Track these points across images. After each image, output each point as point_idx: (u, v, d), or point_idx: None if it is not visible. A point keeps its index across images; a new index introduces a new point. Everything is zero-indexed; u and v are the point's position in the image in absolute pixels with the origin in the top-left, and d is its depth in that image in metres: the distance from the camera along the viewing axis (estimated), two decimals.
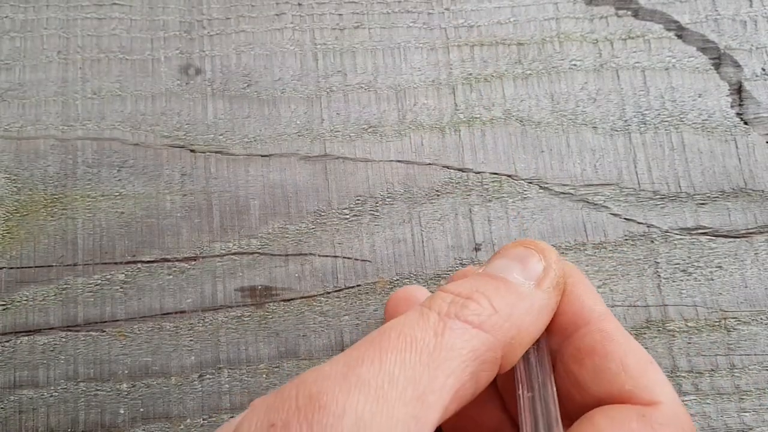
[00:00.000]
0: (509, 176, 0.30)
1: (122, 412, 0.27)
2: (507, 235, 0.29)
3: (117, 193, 0.29)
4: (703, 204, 0.30)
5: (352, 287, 0.29)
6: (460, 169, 0.30)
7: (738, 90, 0.31)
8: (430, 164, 0.30)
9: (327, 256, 0.29)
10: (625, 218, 0.30)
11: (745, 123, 0.31)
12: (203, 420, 0.27)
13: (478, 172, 0.30)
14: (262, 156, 0.30)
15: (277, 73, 0.31)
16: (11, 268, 0.28)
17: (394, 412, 0.17)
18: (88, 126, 0.30)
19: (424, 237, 0.29)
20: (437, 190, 0.30)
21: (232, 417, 0.26)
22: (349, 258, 0.29)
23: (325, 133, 0.30)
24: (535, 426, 0.19)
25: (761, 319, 0.29)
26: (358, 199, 0.30)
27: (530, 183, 0.30)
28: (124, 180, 0.29)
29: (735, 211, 0.30)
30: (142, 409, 0.27)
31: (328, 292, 0.29)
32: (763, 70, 0.32)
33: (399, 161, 0.30)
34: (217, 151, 0.30)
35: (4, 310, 0.28)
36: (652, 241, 0.30)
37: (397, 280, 0.29)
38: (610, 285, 0.29)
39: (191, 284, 0.28)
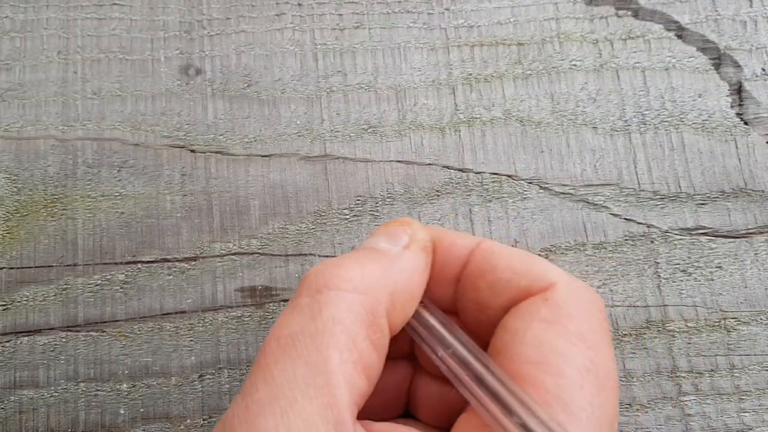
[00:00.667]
0: (509, 176, 0.30)
1: (122, 412, 0.27)
2: (507, 236, 0.29)
3: (117, 194, 0.29)
4: (703, 204, 0.30)
5: None
6: (460, 170, 0.30)
7: (738, 90, 0.31)
8: (430, 164, 0.30)
9: (327, 256, 0.29)
10: (625, 218, 0.30)
11: (745, 123, 0.31)
12: (203, 420, 0.27)
13: (478, 173, 0.30)
14: (262, 156, 0.30)
15: (277, 73, 0.31)
16: (11, 268, 0.28)
17: (306, 412, 0.17)
18: (88, 126, 0.30)
19: None
20: (437, 191, 0.30)
21: None
22: None
23: (325, 134, 0.30)
24: (471, 371, 0.19)
25: (761, 319, 0.29)
26: (358, 200, 0.30)
27: (530, 183, 0.30)
28: (124, 180, 0.29)
29: (735, 211, 0.30)
30: (142, 410, 0.27)
31: None
32: (763, 70, 0.32)
33: (399, 161, 0.30)
34: (217, 151, 0.30)
35: (4, 310, 0.28)
36: (652, 242, 0.30)
37: None
38: (610, 285, 0.29)
39: (191, 284, 0.28)
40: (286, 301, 0.28)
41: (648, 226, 0.30)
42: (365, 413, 0.19)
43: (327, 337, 0.18)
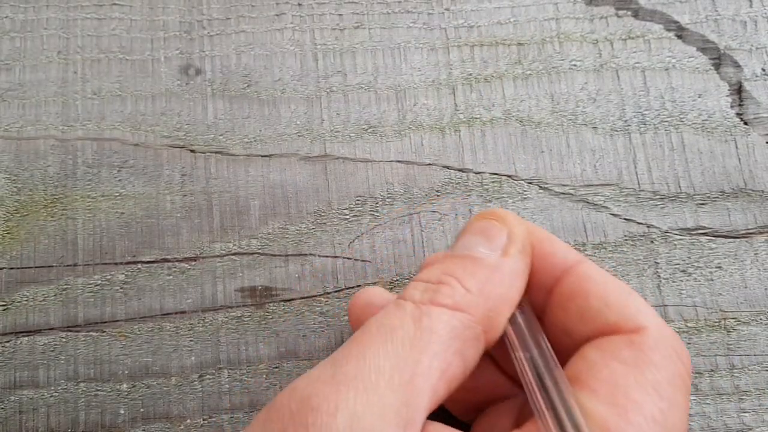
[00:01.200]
0: (509, 176, 0.30)
1: (122, 412, 0.27)
2: None
3: (117, 194, 0.29)
4: (703, 204, 0.30)
5: (352, 287, 0.29)
6: (460, 170, 0.30)
7: (738, 90, 0.31)
8: (430, 164, 0.30)
9: (327, 256, 0.29)
10: (625, 218, 0.30)
11: (745, 123, 0.31)
12: (203, 420, 0.27)
13: (478, 173, 0.30)
14: (262, 156, 0.30)
15: (277, 73, 0.31)
16: (11, 268, 0.28)
17: (385, 400, 0.17)
18: (88, 126, 0.30)
19: (424, 237, 0.29)
20: (437, 191, 0.30)
21: (232, 417, 0.26)
22: (349, 258, 0.29)
23: (325, 134, 0.30)
24: (540, 382, 0.19)
25: (761, 319, 0.29)
26: (358, 200, 0.30)
27: (530, 183, 0.30)
28: (124, 180, 0.29)
29: (735, 211, 0.30)
30: (142, 410, 0.27)
31: (328, 293, 0.29)
32: (763, 70, 0.32)
33: (399, 161, 0.30)
34: (217, 152, 0.30)
35: (4, 310, 0.28)
36: (652, 242, 0.30)
37: (397, 280, 0.29)
38: None
39: (191, 284, 0.28)
40: (286, 301, 0.29)
41: (648, 226, 0.30)
42: None
43: (422, 342, 0.18)
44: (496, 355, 0.24)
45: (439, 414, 0.20)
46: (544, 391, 0.19)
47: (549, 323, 0.22)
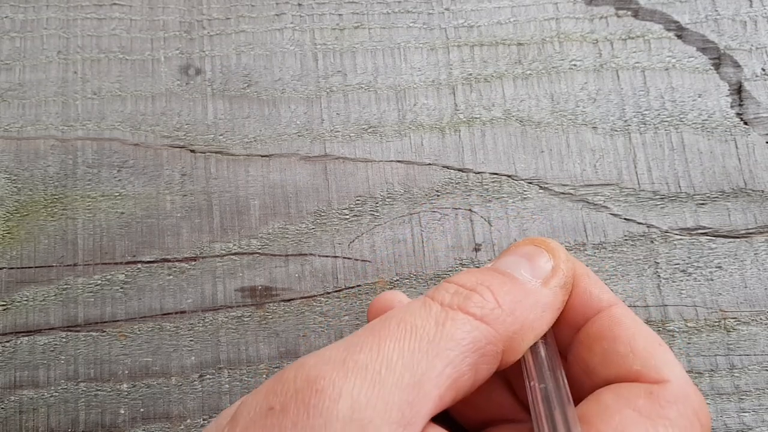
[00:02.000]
0: (509, 176, 0.30)
1: (122, 412, 0.27)
2: (507, 236, 0.29)
3: (117, 194, 0.29)
4: (702, 204, 0.30)
5: (352, 287, 0.29)
6: (460, 170, 0.30)
7: (738, 90, 0.31)
8: (430, 164, 0.30)
9: (327, 256, 0.29)
10: (625, 218, 0.30)
11: (745, 123, 0.31)
12: (203, 420, 0.27)
13: (478, 173, 0.30)
14: (262, 156, 0.30)
15: (277, 73, 0.31)
16: (11, 268, 0.28)
17: (390, 397, 0.17)
18: (88, 126, 0.30)
19: (424, 237, 0.29)
20: (437, 191, 0.30)
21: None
22: (349, 258, 0.29)
23: (325, 133, 0.30)
24: (549, 415, 0.19)
25: (761, 319, 0.29)
26: (358, 200, 0.30)
27: (530, 183, 0.30)
28: (124, 180, 0.30)
29: (735, 211, 0.30)
30: (142, 409, 0.27)
31: (328, 293, 0.29)
32: (763, 70, 0.32)
33: (399, 161, 0.30)
34: (217, 151, 0.30)
35: (4, 310, 0.28)
36: (652, 242, 0.30)
37: (397, 280, 0.29)
38: (610, 285, 0.29)
39: (191, 284, 0.28)
40: (286, 301, 0.29)
41: (648, 226, 0.30)
42: None
43: (440, 347, 0.18)
44: (511, 379, 0.23)
45: (443, 418, 0.20)
46: (551, 425, 0.19)
47: (572, 361, 0.22)
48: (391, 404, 0.17)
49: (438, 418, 0.19)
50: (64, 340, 0.28)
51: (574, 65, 0.32)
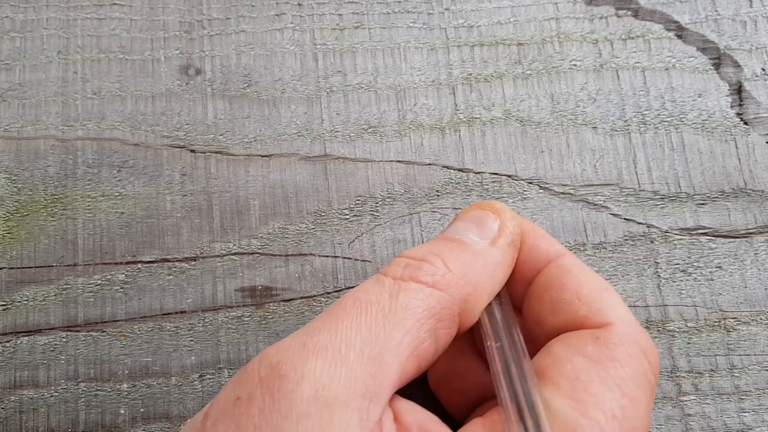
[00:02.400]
0: (509, 176, 0.30)
1: (123, 412, 0.27)
2: None
3: (117, 193, 0.29)
4: (703, 204, 0.30)
5: (352, 287, 0.29)
6: (460, 170, 0.30)
7: (738, 90, 0.31)
8: (430, 164, 0.30)
9: (327, 256, 0.29)
10: (625, 218, 0.30)
11: (745, 123, 0.31)
12: None
13: (478, 172, 0.30)
14: (262, 156, 0.30)
15: (277, 73, 0.31)
16: (11, 268, 0.28)
17: (352, 372, 0.17)
18: (88, 126, 0.30)
19: (425, 237, 0.29)
20: (437, 191, 0.30)
21: None
22: (349, 258, 0.29)
23: (325, 133, 0.30)
24: (507, 372, 0.19)
25: (761, 319, 0.29)
26: (358, 200, 0.30)
27: (530, 183, 0.30)
28: (124, 180, 0.30)
29: (735, 211, 0.30)
30: (142, 409, 0.27)
31: (328, 293, 0.29)
32: (763, 70, 0.32)
33: (399, 161, 0.30)
34: (217, 151, 0.30)
35: (4, 310, 0.28)
36: (652, 242, 0.30)
37: None
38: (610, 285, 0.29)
39: (191, 284, 0.28)
40: (286, 301, 0.29)
41: (648, 226, 0.30)
42: None
43: (396, 318, 0.19)
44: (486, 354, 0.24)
45: (436, 413, 0.20)
46: (509, 382, 0.19)
47: (525, 314, 0.22)
48: (354, 379, 0.17)
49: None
50: (64, 340, 0.28)
51: (574, 65, 0.32)
